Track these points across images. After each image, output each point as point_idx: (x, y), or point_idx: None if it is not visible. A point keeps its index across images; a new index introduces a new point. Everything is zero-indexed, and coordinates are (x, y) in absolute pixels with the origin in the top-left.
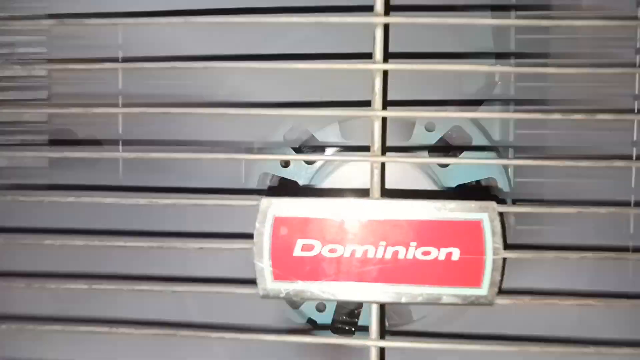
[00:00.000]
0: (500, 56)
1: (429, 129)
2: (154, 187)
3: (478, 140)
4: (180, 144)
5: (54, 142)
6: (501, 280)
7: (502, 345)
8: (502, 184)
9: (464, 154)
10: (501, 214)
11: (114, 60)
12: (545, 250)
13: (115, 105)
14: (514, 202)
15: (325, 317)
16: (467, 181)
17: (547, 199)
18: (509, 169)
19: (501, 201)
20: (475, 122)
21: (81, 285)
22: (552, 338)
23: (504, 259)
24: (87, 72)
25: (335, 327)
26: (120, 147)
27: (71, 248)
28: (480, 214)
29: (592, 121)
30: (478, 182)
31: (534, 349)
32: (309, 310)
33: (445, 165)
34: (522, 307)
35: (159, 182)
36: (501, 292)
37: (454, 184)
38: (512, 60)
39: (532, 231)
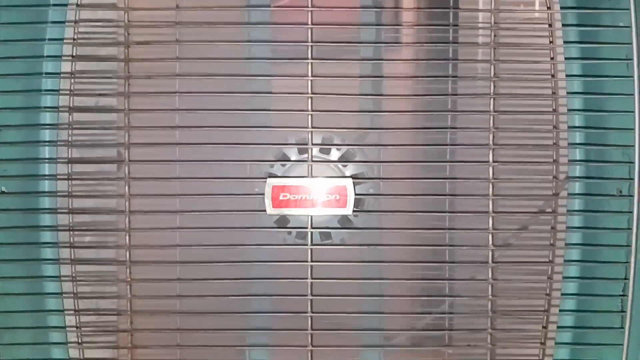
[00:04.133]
0: None
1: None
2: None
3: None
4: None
5: None
6: (353, 206)
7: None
8: (370, 175)
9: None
10: (354, 183)
11: None
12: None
13: None
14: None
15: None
16: (354, 173)
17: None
18: (374, 168)
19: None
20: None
21: None
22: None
23: (355, 198)
24: None
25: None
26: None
27: None
28: (345, 182)
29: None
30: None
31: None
32: None
33: (345, 165)
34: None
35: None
36: (354, 211)
37: (349, 174)
38: None
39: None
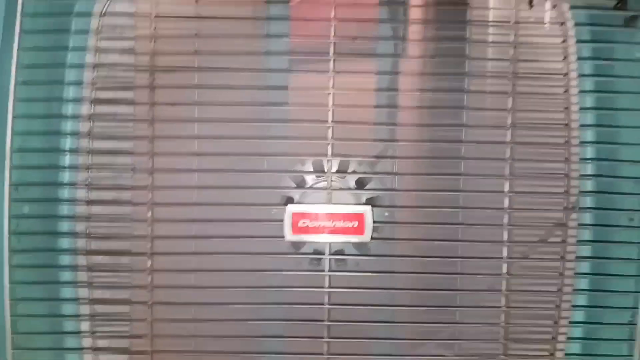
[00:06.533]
0: None
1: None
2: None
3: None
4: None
5: None
6: (371, 234)
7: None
8: (384, 202)
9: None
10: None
11: None
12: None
13: None
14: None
15: None
16: (370, 196)
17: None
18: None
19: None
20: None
21: None
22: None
23: (373, 226)
24: None
25: None
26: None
27: None
28: (364, 210)
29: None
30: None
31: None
32: None
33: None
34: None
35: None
36: (372, 239)
37: (364, 200)
38: None
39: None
